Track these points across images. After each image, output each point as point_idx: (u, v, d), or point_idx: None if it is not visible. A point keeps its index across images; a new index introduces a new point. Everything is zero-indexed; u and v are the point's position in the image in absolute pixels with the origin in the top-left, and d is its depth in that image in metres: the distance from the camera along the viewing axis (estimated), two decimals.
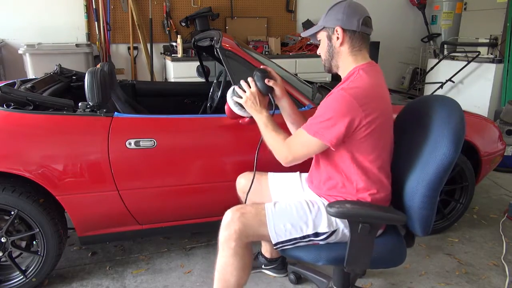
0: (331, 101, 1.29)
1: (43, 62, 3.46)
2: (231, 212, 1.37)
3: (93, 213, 1.84)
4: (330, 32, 1.38)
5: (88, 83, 1.81)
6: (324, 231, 1.36)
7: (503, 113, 3.53)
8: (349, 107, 1.25)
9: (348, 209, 1.26)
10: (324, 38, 1.41)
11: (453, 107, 1.32)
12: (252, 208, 1.38)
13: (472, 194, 2.41)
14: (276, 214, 1.36)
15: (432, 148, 1.29)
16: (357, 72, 1.35)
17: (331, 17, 1.36)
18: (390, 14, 5.14)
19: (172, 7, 4.23)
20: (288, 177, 1.67)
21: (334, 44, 1.38)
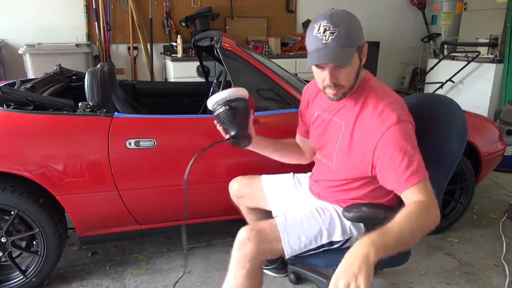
0: (402, 137, 1.12)
1: (43, 62, 3.46)
2: (245, 231, 1.28)
3: (93, 213, 1.84)
4: (360, 50, 1.19)
5: (88, 83, 1.81)
6: (338, 240, 1.31)
7: (503, 113, 3.53)
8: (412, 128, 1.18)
9: (366, 212, 1.21)
10: (355, 60, 1.18)
11: (453, 106, 1.32)
12: (265, 225, 1.31)
13: (472, 194, 2.40)
14: (289, 228, 1.29)
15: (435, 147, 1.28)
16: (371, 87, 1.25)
17: (358, 32, 1.17)
18: (390, 14, 5.14)
19: (172, 7, 4.23)
20: (283, 178, 1.62)
21: (362, 62, 1.22)
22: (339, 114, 1.30)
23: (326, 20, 1.13)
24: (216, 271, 2.05)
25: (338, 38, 1.12)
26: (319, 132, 1.39)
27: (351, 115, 1.24)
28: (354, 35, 1.15)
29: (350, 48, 1.14)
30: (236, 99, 1.28)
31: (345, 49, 1.13)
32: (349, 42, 1.13)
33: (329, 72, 1.16)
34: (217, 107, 1.28)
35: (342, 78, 1.18)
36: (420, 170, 1.11)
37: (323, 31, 1.13)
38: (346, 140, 1.25)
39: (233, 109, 1.27)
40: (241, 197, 1.65)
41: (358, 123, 1.22)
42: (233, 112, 1.27)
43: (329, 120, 1.33)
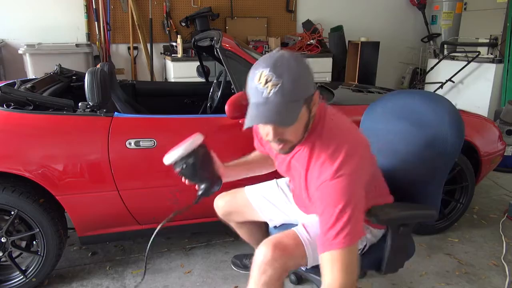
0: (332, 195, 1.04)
1: (43, 62, 3.47)
2: (269, 250, 1.15)
3: (93, 213, 1.84)
4: (309, 101, 1.04)
5: (88, 83, 1.81)
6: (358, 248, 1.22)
7: (503, 113, 3.53)
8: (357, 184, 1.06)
9: (393, 214, 1.22)
10: (304, 114, 1.03)
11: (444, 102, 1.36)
12: (288, 240, 1.20)
13: (472, 194, 2.40)
14: (313, 242, 1.20)
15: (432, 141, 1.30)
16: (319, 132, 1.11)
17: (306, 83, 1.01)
18: (390, 14, 5.14)
19: (172, 7, 4.23)
20: (267, 187, 1.55)
21: (313, 112, 1.08)
22: (296, 157, 1.21)
23: (268, 69, 0.97)
24: (216, 271, 2.05)
25: (281, 92, 0.96)
26: (283, 168, 1.31)
27: (304, 160, 1.15)
28: (302, 87, 0.99)
29: (295, 103, 0.99)
30: (192, 152, 1.19)
31: (290, 105, 0.97)
32: (294, 96, 0.97)
33: (273, 129, 1.02)
34: (176, 166, 1.20)
35: (288, 135, 1.04)
36: (343, 235, 0.99)
37: (264, 81, 0.96)
38: (304, 184, 1.18)
39: (192, 164, 1.19)
40: (228, 215, 1.58)
41: (310, 169, 1.13)
42: (193, 167, 1.19)
43: (289, 161, 1.25)
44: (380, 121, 1.55)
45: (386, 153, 1.48)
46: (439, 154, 1.29)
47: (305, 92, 1.01)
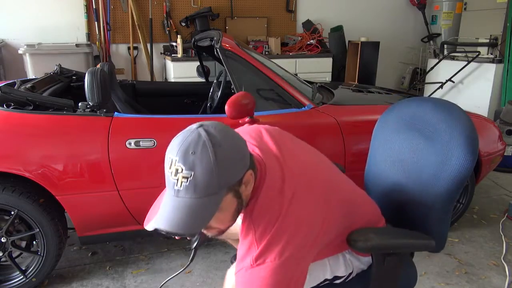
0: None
1: (43, 62, 3.47)
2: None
3: (93, 213, 1.84)
4: (237, 185, 0.88)
5: (88, 83, 1.81)
6: (342, 275, 1.17)
7: (503, 113, 3.53)
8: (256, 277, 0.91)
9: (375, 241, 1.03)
10: (230, 201, 0.88)
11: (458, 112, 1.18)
12: None
13: (472, 194, 2.40)
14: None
15: (444, 159, 1.13)
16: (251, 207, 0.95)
17: (229, 168, 0.84)
18: (390, 14, 5.14)
19: (172, 7, 4.23)
20: None
21: (245, 194, 0.92)
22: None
23: (178, 158, 0.81)
24: (216, 271, 2.05)
25: (193, 187, 0.80)
26: None
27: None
28: (221, 177, 0.82)
29: (212, 197, 0.82)
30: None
31: (205, 201, 0.82)
32: (211, 189, 0.81)
33: None
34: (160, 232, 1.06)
35: (214, 223, 0.90)
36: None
37: (174, 172, 0.81)
38: None
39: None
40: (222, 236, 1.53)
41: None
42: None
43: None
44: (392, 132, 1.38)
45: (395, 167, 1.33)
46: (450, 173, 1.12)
47: (228, 180, 0.84)
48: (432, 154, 1.17)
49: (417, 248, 1.20)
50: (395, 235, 1.14)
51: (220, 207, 0.85)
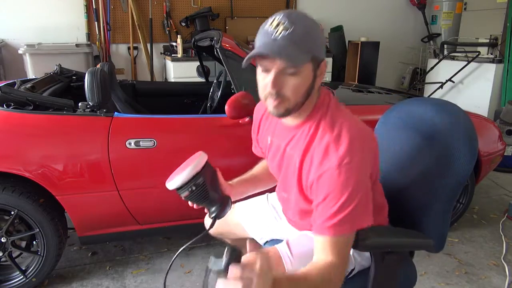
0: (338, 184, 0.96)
1: (43, 62, 3.47)
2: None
3: (93, 213, 1.84)
4: (317, 65, 0.98)
5: (88, 83, 1.81)
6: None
7: (503, 113, 3.53)
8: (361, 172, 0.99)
9: (376, 239, 1.03)
10: (309, 73, 0.97)
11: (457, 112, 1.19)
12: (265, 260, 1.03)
13: (472, 194, 2.41)
14: (295, 261, 1.12)
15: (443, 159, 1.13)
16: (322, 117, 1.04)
17: (317, 42, 0.97)
18: (390, 14, 5.14)
19: (172, 7, 4.23)
20: (257, 202, 1.46)
21: (317, 82, 1.01)
22: (292, 144, 1.11)
23: (282, 15, 0.93)
24: None
25: (291, 36, 0.91)
26: (276, 162, 1.20)
27: (302, 146, 1.06)
28: (312, 41, 0.94)
29: (302, 54, 0.93)
30: (200, 172, 1.07)
31: (298, 50, 0.91)
32: (303, 46, 0.92)
33: (274, 75, 0.95)
34: (181, 192, 1.09)
35: (288, 88, 0.96)
36: (345, 223, 0.95)
37: (275, 25, 0.93)
38: (297, 173, 1.08)
39: (202, 185, 1.08)
40: (220, 234, 1.50)
41: (307, 156, 1.04)
42: (203, 188, 1.08)
43: (283, 151, 1.15)
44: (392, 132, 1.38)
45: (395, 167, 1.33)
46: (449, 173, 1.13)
47: (314, 49, 0.95)
48: (431, 154, 1.18)
49: (415, 247, 1.21)
50: (394, 234, 1.14)
51: (300, 71, 0.94)
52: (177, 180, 1.07)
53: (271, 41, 0.93)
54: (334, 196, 0.96)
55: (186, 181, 1.06)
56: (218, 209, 1.12)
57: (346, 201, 0.95)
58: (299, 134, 1.07)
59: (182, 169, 1.08)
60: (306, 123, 1.05)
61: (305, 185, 1.05)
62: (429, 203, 1.17)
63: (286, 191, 1.20)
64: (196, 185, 1.07)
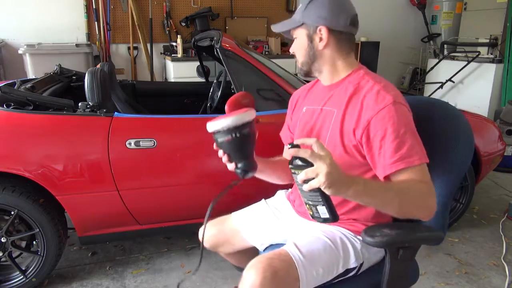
0: (396, 118, 1.04)
1: (43, 62, 3.47)
2: (258, 273, 1.02)
3: (93, 213, 1.84)
4: (311, 31, 1.16)
5: (88, 83, 1.81)
6: (353, 266, 1.16)
7: (503, 113, 3.53)
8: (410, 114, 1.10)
9: (392, 236, 1.04)
10: (302, 37, 1.19)
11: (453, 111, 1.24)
12: (280, 262, 1.07)
13: (472, 194, 2.40)
14: (307, 262, 1.10)
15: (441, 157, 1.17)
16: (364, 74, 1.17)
17: (312, 12, 1.16)
18: (390, 14, 5.14)
19: (172, 7, 4.23)
20: (255, 209, 1.42)
21: (317, 46, 1.17)
22: (330, 101, 1.21)
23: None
24: (216, 271, 2.05)
25: (298, 12, 1.21)
26: (308, 127, 1.27)
27: (343, 99, 1.16)
28: (306, 12, 1.17)
29: (293, 22, 1.21)
30: (248, 123, 1.04)
31: (291, 21, 1.22)
32: (299, 15, 1.19)
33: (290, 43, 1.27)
34: (221, 135, 1.04)
35: (292, 49, 1.26)
36: (411, 155, 1.02)
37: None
38: (337, 125, 1.15)
39: (246, 136, 1.04)
40: (216, 247, 1.46)
41: (350, 105, 1.13)
42: (245, 139, 1.04)
43: (320, 110, 1.23)
44: None
45: None
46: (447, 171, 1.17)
47: (307, 18, 1.17)
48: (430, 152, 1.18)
49: (428, 240, 1.23)
50: (407, 229, 1.15)
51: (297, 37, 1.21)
52: (222, 122, 1.02)
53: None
54: (392, 131, 1.04)
55: (234, 125, 1.02)
56: (247, 165, 1.09)
57: (405, 135, 1.03)
58: (339, 90, 1.20)
59: (231, 115, 1.04)
60: (345, 80, 1.19)
61: (347, 130, 1.13)
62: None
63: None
64: (240, 133, 1.02)
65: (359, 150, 1.12)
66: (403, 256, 1.08)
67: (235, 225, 1.40)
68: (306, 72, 1.25)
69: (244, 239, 1.39)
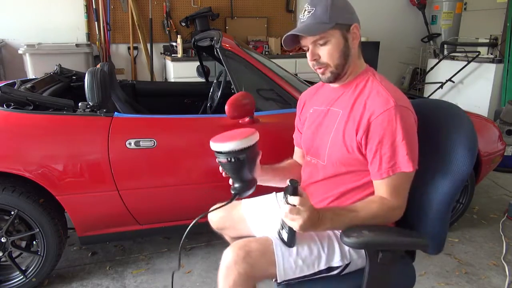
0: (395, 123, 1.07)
1: (43, 62, 3.47)
2: (232, 252, 1.11)
3: (93, 213, 1.84)
4: (345, 30, 1.15)
5: (88, 83, 1.81)
6: (338, 265, 1.17)
7: (503, 113, 3.53)
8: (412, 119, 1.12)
9: (369, 237, 1.05)
10: (338, 37, 1.14)
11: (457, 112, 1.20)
12: (257, 244, 1.14)
13: (472, 194, 2.41)
14: (286, 250, 1.14)
15: (444, 160, 1.15)
16: (371, 76, 1.19)
17: (339, 11, 1.13)
18: (390, 14, 5.14)
19: (172, 7, 4.23)
20: (264, 200, 1.46)
21: (351, 45, 1.17)
22: (337, 102, 1.23)
23: (307, 3, 1.17)
24: (216, 271, 2.04)
25: (314, 16, 1.13)
26: (314, 127, 1.29)
27: (349, 100, 1.19)
28: (333, 12, 1.13)
29: (324, 24, 1.12)
30: (246, 149, 1.10)
31: (319, 24, 1.12)
32: (324, 18, 1.12)
33: (310, 50, 1.17)
34: (220, 156, 1.11)
35: (324, 56, 1.16)
36: (402, 163, 1.08)
37: (303, 11, 1.17)
38: (341, 126, 1.17)
39: (241, 162, 1.10)
40: (222, 229, 1.50)
41: (355, 106, 1.16)
42: (241, 165, 1.11)
43: (326, 111, 1.25)
44: None
45: None
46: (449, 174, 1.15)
47: (337, 18, 1.13)
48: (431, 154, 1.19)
49: (409, 246, 1.23)
50: (388, 232, 1.15)
51: (330, 40, 1.13)
52: (222, 145, 1.10)
53: (300, 24, 1.16)
54: (390, 136, 1.08)
55: (230, 151, 1.09)
56: (242, 188, 1.16)
57: (403, 142, 1.07)
58: (347, 91, 1.21)
59: (233, 137, 1.11)
60: (354, 82, 1.21)
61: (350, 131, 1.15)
62: (429, 203, 1.18)
63: (316, 155, 1.27)
64: (236, 158, 1.09)
65: (360, 150, 1.14)
66: (383, 260, 1.07)
67: (242, 213, 1.44)
68: (337, 75, 1.18)
69: (249, 227, 1.44)
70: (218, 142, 1.11)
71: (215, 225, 1.49)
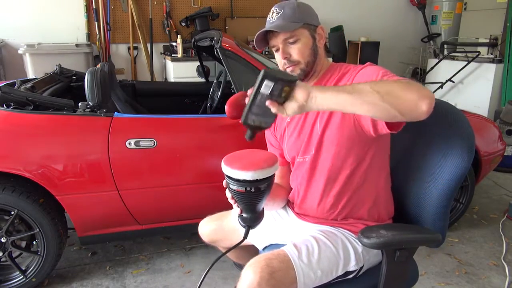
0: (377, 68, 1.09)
1: (43, 62, 3.46)
2: (254, 274, 1.04)
3: (93, 213, 1.84)
4: (312, 30, 1.20)
5: (88, 83, 1.81)
6: (353, 269, 1.16)
7: (503, 113, 3.53)
8: None
9: (388, 237, 1.04)
10: (307, 36, 1.19)
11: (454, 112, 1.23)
12: (279, 263, 1.08)
13: (472, 194, 2.40)
14: (305, 264, 1.10)
15: (441, 157, 1.17)
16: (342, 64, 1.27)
17: (306, 13, 1.20)
18: (390, 14, 5.14)
19: (172, 7, 4.23)
20: None
21: (319, 44, 1.23)
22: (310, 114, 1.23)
23: (274, 6, 1.22)
24: (216, 271, 2.05)
25: (283, 16, 1.17)
26: (296, 133, 1.27)
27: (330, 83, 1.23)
28: (300, 13, 1.18)
29: (294, 23, 1.16)
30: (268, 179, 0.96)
31: (289, 23, 1.16)
32: (293, 18, 1.17)
33: (281, 48, 1.19)
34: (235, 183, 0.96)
35: (294, 53, 1.18)
36: (397, 75, 1.03)
37: (271, 13, 1.21)
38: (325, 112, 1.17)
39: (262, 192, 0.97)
40: (214, 241, 1.47)
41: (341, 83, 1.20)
42: (261, 195, 0.98)
43: (305, 114, 1.24)
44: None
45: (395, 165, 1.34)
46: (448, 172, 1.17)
47: (305, 19, 1.18)
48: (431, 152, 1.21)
49: (426, 242, 1.23)
50: (404, 230, 1.15)
51: (300, 39, 1.17)
52: (244, 174, 0.94)
53: (270, 24, 1.19)
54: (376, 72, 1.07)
55: (253, 180, 0.93)
56: (253, 220, 1.05)
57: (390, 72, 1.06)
58: (324, 82, 1.24)
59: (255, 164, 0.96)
60: (328, 73, 1.25)
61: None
62: (428, 199, 1.20)
63: (308, 151, 1.24)
64: (257, 188, 0.95)
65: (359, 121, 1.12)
66: (400, 258, 1.08)
67: (234, 223, 1.37)
68: (307, 72, 1.22)
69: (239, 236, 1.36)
70: (237, 170, 0.96)
71: (207, 238, 1.46)
